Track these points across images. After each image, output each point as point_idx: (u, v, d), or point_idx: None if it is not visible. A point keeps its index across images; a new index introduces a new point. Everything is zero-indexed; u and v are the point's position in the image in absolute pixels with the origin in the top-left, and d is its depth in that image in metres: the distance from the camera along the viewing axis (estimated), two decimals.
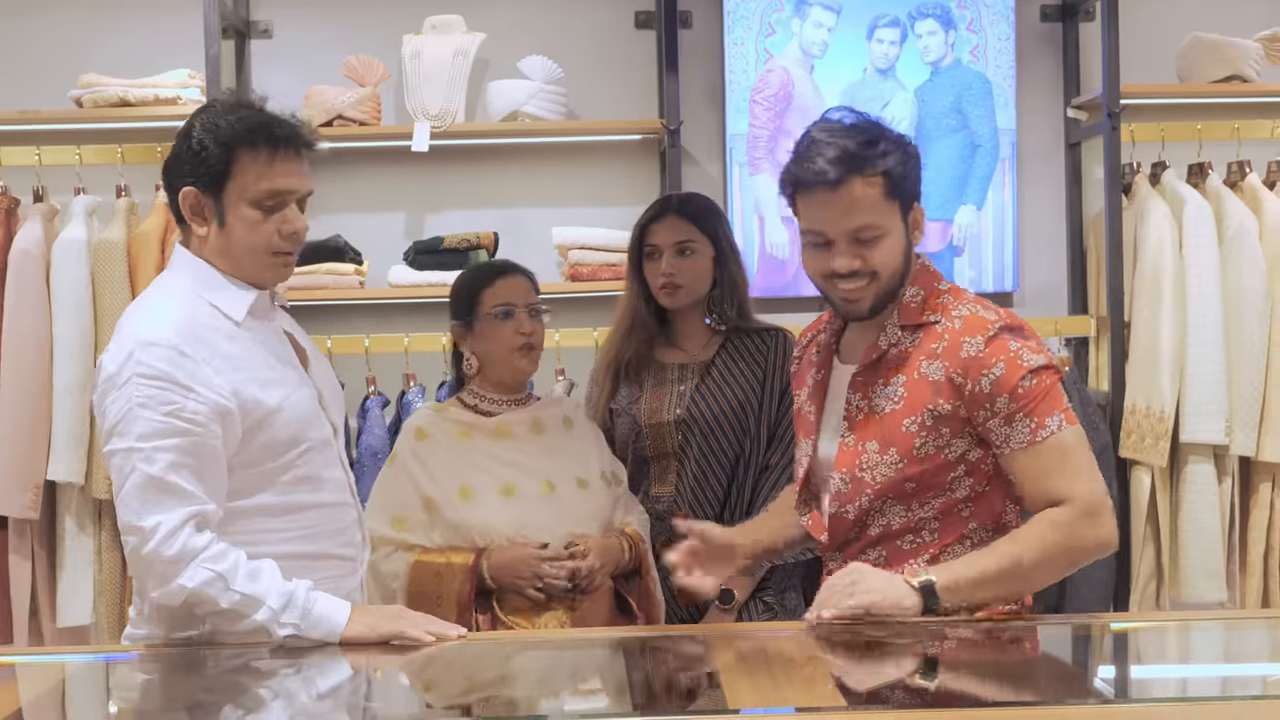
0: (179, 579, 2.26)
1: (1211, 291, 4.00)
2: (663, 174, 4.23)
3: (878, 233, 2.32)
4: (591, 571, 2.82)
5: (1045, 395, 2.30)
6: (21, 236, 3.89)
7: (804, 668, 2.22)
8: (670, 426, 3.13)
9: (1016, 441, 2.30)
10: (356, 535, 2.53)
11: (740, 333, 3.19)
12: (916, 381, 2.35)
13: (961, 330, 2.34)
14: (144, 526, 2.26)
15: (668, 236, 3.15)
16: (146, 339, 2.30)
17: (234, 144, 2.33)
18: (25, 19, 4.28)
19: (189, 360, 2.29)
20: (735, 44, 4.29)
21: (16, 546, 3.92)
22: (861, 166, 2.28)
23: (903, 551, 2.39)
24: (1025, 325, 2.38)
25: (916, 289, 2.41)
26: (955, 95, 4.33)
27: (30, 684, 2.31)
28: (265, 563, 2.32)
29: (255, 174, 2.34)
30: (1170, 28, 4.33)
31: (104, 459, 2.34)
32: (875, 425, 2.37)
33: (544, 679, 2.34)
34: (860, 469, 2.38)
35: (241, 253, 2.38)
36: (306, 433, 2.41)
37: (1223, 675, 2.37)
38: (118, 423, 2.28)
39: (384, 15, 4.32)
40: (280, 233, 2.37)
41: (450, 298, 3.04)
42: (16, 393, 3.85)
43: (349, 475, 2.55)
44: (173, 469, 2.26)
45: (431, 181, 4.34)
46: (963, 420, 2.33)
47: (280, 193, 2.36)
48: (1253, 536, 4.08)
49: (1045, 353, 2.35)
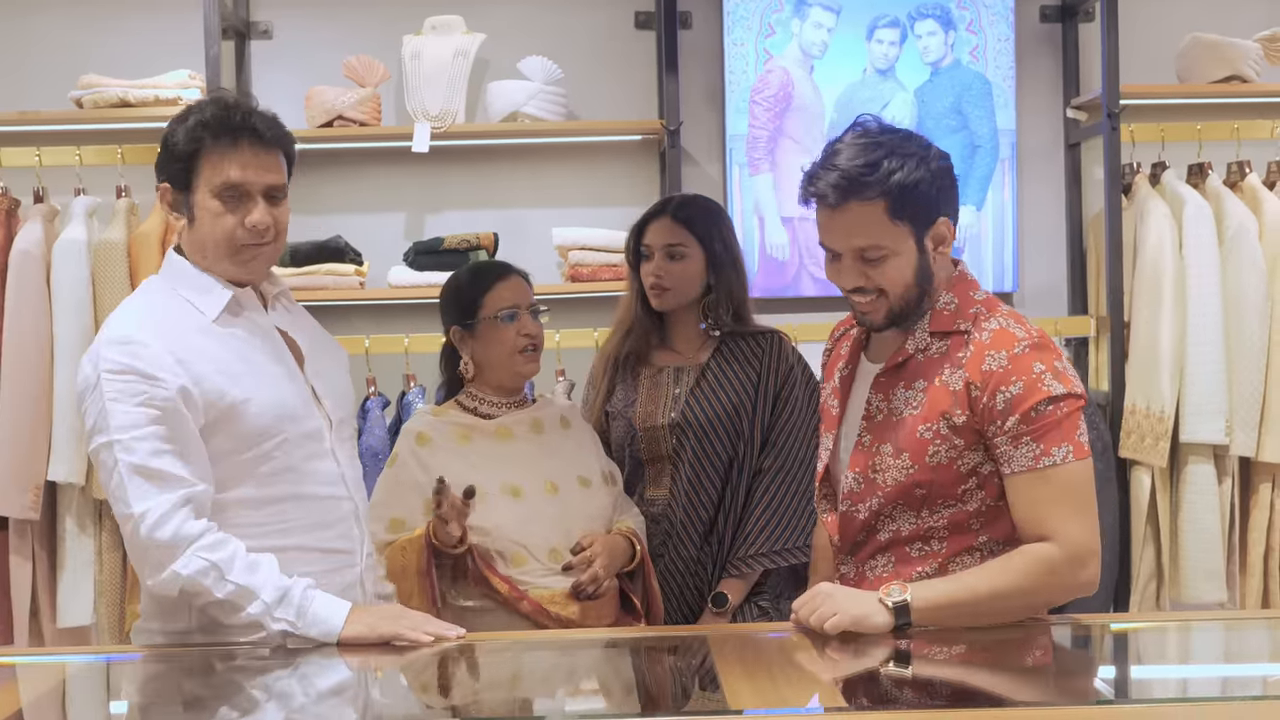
0: (173, 565, 2.28)
1: (1211, 291, 4.00)
2: (662, 174, 4.23)
3: (882, 253, 2.29)
4: (597, 579, 2.82)
5: (1058, 424, 2.25)
6: (22, 237, 3.89)
7: (804, 668, 2.23)
8: (665, 430, 3.13)
9: (1019, 464, 2.27)
10: (353, 528, 2.52)
11: (735, 336, 3.19)
12: (937, 389, 2.33)
13: (989, 344, 2.30)
14: (134, 513, 2.28)
15: (658, 239, 3.15)
16: (111, 337, 2.36)
17: (197, 137, 2.37)
18: (26, 20, 4.28)
19: (148, 350, 2.33)
20: (735, 44, 4.30)
21: (17, 547, 3.92)
22: (860, 191, 2.25)
23: (911, 559, 2.38)
24: (1054, 347, 2.32)
25: (951, 296, 2.37)
26: (955, 96, 4.34)
27: (31, 685, 2.32)
28: (265, 556, 2.33)
29: (213, 166, 2.37)
30: (1170, 28, 4.34)
31: (91, 459, 2.37)
32: (892, 428, 2.36)
33: (542, 680, 2.34)
34: (873, 470, 2.38)
35: (207, 246, 2.41)
36: (283, 426, 2.42)
37: (1223, 676, 2.37)
38: (96, 420, 2.32)
39: (384, 16, 4.32)
40: (243, 224, 2.39)
41: (444, 300, 3.01)
42: (17, 393, 3.85)
43: (346, 468, 2.54)
44: (155, 455, 2.29)
45: (431, 182, 4.35)
46: (976, 433, 2.31)
47: (237, 184, 2.38)
48: (1253, 537, 4.08)
49: (1071, 380, 2.28)
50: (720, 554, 3.13)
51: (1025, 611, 2.33)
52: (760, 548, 3.09)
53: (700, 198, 3.34)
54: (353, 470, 2.57)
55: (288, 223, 2.48)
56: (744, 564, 3.10)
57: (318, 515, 2.45)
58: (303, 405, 2.48)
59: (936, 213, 2.31)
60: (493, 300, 2.91)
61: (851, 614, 2.25)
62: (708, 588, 3.12)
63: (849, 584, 2.45)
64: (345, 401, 2.62)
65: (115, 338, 2.35)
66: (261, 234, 2.40)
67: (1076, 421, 2.27)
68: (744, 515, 3.12)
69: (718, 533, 3.13)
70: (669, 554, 3.12)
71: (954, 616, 2.28)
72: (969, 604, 2.28)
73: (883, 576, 2.40)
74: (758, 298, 4.25)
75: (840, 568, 2.50)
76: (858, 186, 2.25)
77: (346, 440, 2.59)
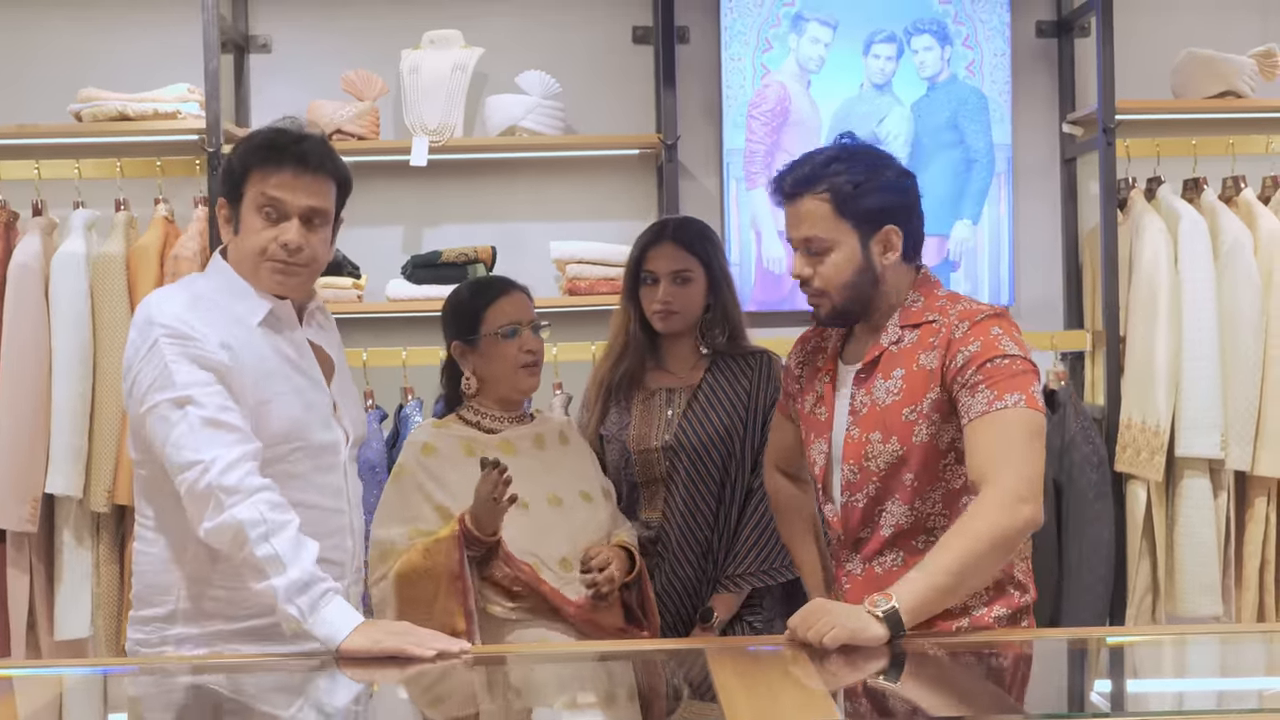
0: (235, 509, 2.33)
1: (1206, 306, 4.01)
2: (660, 189, 4.24)
3: (824, 245, 2.48)
4: (613, 580, 2.84)
5: (1012, 377, 2.37)
6: (20, 250, 3.90)
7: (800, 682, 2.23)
8: (658, 453, 3.14)
9: (975, 411, 2.37)
10: (347, 541, 2.59)
11: (726, 356, 3.20)
12: (915, 373, 2.46)
13: (955, 320, 2.46)
14: (203, 459, 2.34)
15: (665, 265, 3.16)
16: (164, 312, 2.45)
17: (248, 156, 2.52)
18: (25, 33, 4.29)
19: (200, 329, 2.43)
20: (732, 59, 4.31)
21: (14, 560, 3.92)
22: (811, 185, 2.48)
23: (918, 551, 2.46)
24: (1013, 322, 2.47)
25: (917, 294, 2.54)
26: (951, 110, 4.35)
27: (28, 697, 2.31)
28: (311, 542, 2.37)
29: (258, 182, 2.50)
30: (1165, 44, 4.35)
31: (142, 417, 2.42)
32: (877, 416, 2.48)
33: (543, 694, 2.34)
34: (866, 459, 2.49)
35: (245, 257, 2.53)
36: (301, 433, 2.51)
37: (1218, 689, 2.37)
38: (156, 378, 2.40)
39: (383, 30, 4.33)
40: (276, 241, 2.49)
41: (446, 315, 3.02)
42: (15, 406, 3.85)
43: (351, 485, 2.62)
44: (223, 410, 2.39)
45: (429, 196, 4.36)
46: (949, 403, 2.42)
47: (277, 201, 2.49)
48: (1248, 551, 4.08)
49: (1026, 350, 2.43)
50: (716, 574, 3.14)
51: (998, 564, 2.37)
52: (750, 566, 3.11)
53: (693, 220, 3.35)
54: (355, 488, 2.65)
55: (325, 252, 2.58)
56: (733, 582, 3.11)
57: (316, 524, 2.46)
58: (324, 417, 2.56)
59: (884, 219, 2.48)
60: (494, 316, 2.92)
61: (849, 627, 2.26)
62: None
63: (856, 582, 2.53)
64: (361, 421, 2.70)
65: (169, 313, 2.44)
66: (292, 253, 2.50)
67: (1031, 381, 2.39)
68: (736, 537, 3.13)
69: (713, 553, 3.14)
70: (665, 575, 3.13)
71: (941, 602, 2.33)
72: (950, 585, 2.31)
73: (893, 571, 2.47)
74: (755, 311, 4.29)
75: (846, 565, 2.57)
76: (809, 181, 2.48)
77: (354, 460, 2.66)
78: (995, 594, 2.47)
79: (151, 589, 2.52)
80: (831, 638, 2.25)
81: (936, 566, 2.30)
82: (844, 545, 2.57)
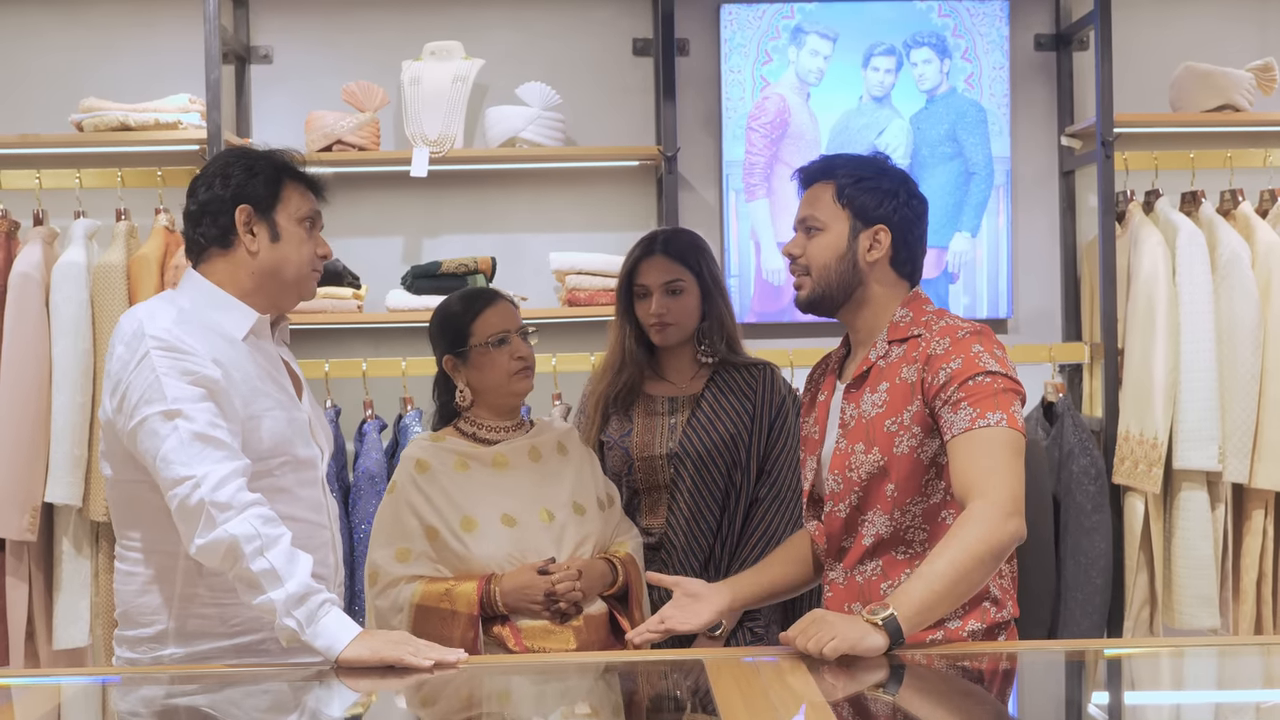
0: (228, 524, 2.33)
1: (1204, 319, 4.02)
2: (659, 200, 4.25)
3: (818, 225, 2.57)
4: (570, 591, 2.82)
5: (993, 395, 2.39)
6: (21, 259, 3.91)
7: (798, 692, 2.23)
8: (662, 460, 3.16)
9: (958, 427, 2.39)
10: (329, 556, 2.62)
11: (728, 366, 3.22)
12: (897, 386, 2.50)
13: (937, 335, 2.50)
14: (194, 474, 2.34)
15: (657, 277, 3.18)
16: (152, 320, 2.45)
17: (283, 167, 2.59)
18: (26, 43, 4.31)
19: (190, 343, 2.43)
20: (732, 71, 4.33)
21: (13, 568, 3.92)
22: (825, 174, 2.61)
23: (897, 562, 2.50)
24: (995, 339, 2.51)
25: (906, 311, 2.57)
26: (950, 123, 4.37)
27: (26, 706, 2.31)
28: (304, 555, 2.38)
29: (298, 194, 2.58)
30: (1163, 57, 4.37)
31: (132, 431, 2.40)
32: (862, 428, 2.52)
33: (538, 704, 2.34)
34: (849, 469, 2.53)
35: (285, 266, 2.56)
36: (287, 448, 2.53)
37: (1216, 702, 2.38)
38: (146, 390, 2.39)
39: (384, 41, 4.35)
40: (317, 251, 2.59)
41: (434, 331, 3.01)
42: (15, 415, 3.85)
43: (331, 501, 2.65)
44: (213, 426, 2.39)
45: (430, 206, 4.37)
46: (931, 417, 2.45)
47: (316, 213, 2.60)
48: (1246, 563, 4.09)
49: (1008, 366, 2.45)
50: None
51: (989, 574, 2.37)
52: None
53: (683, 231, 3.37)
54: (332, 503, 2.68)
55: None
56: None
57: (302, 539, 2.47)
58: (303, 433, 2.59)
59: (878, 218, 2.55)
60: (481, 327, 2.92)
61: (849, 638, 2.26)
62: None
63: (838, 590, 2.57)
64: (330, 438, 2.72)
65: (160, 326, 2.43)
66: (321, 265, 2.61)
67: (1012, 400, 2.42)
68: (740, 543, 3.14)
69: (715, 561, 3.15)
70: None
71: (937, 610, 2.33)
72: (945, 593, 2.32)
73: (872, 580, 2.51)
74: (754, 322, 4.30)
75: (829, 574, 2.60)
76: (824, 170, 2.63)
77: (332, 475, 2.70)
78: (969, 607, 2.48)
79: (139, 609, 2.51)
80: (832, 648, 2.26)
81: (932, 574, 2.31)
82: (828, 554, 2.61)
